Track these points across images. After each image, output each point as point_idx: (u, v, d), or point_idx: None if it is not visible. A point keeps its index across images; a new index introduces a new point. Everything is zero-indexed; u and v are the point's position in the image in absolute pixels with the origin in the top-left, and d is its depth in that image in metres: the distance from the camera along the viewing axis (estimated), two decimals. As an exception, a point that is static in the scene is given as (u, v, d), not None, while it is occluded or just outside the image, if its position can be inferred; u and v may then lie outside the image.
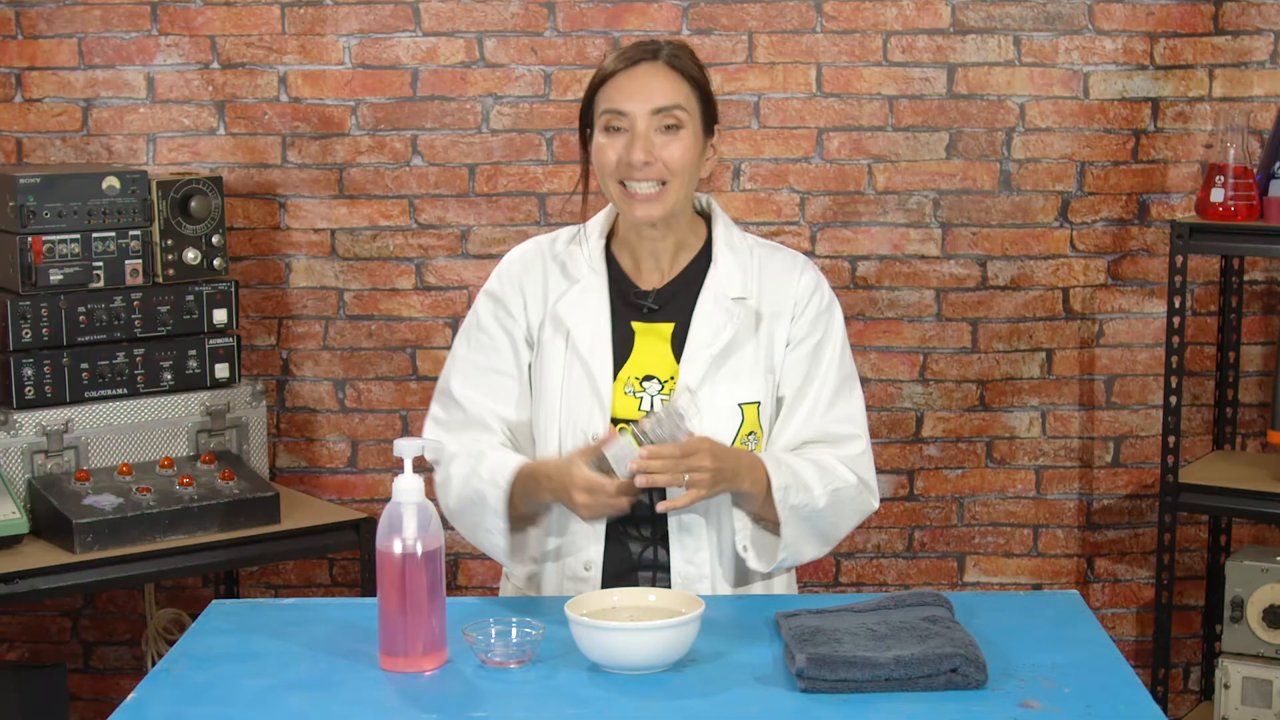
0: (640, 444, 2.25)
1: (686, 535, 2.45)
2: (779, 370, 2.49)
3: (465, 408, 2.52)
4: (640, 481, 2.26)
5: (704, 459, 2.29)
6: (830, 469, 2.45)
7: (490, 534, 2.43)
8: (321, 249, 3.90)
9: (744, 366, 2.46)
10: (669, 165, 2.41)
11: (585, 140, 2.50)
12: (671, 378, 2.45)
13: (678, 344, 2.47)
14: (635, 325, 2.49)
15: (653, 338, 2.48)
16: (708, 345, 2.45)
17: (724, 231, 2.53)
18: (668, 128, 2.41)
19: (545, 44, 3.82)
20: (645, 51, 2.44)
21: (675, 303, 2.49)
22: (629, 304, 2.50)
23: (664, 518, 2.44)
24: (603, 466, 2.27)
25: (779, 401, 2.51)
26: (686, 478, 2.28)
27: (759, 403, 2.47)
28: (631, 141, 2.40)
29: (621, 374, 2.46)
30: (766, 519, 2.43)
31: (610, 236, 2.55)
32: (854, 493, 2.47)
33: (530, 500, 2.41)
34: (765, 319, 2.48)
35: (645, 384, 2.46)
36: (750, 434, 2.46)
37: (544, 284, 2.52)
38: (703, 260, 2.51)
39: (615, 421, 2.44)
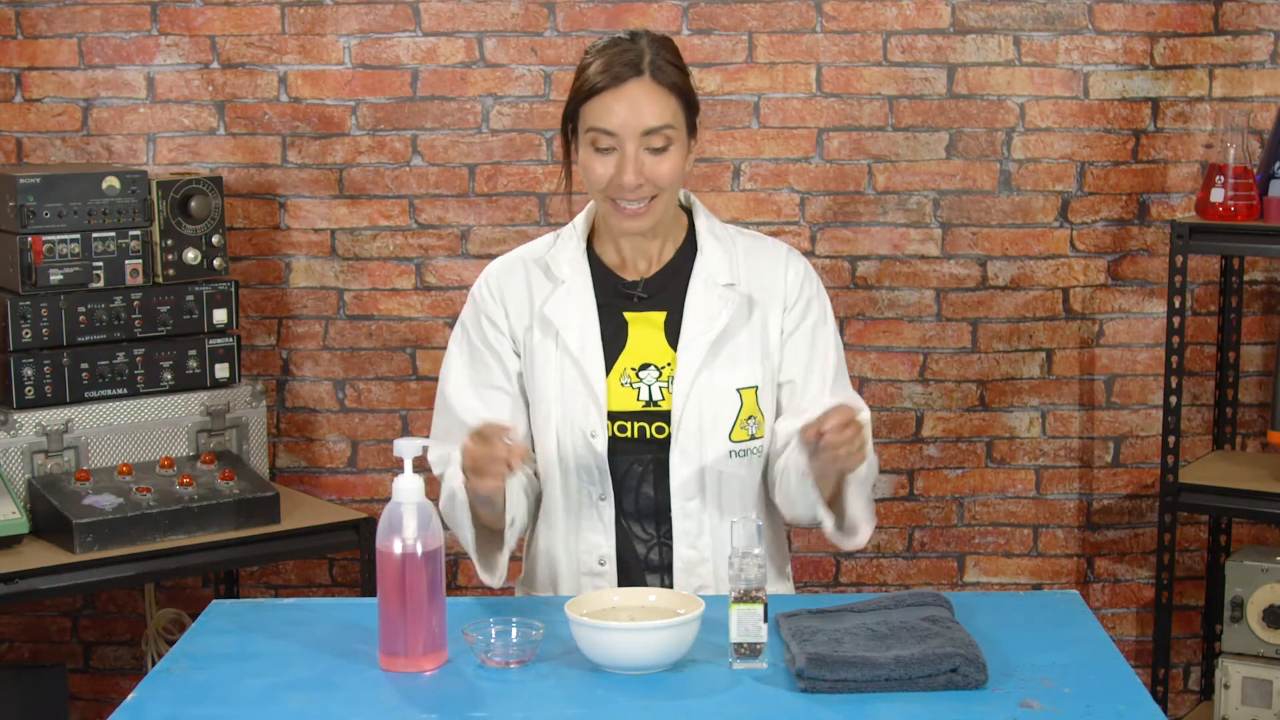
0: (747, 602, 2.10)
1: (689, 521, 2.46)
2: (776, 355, 2.50)
3: (468, 423, 2.50)
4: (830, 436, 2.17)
5: (852, 417, 2.21)
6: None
7: (462, 529, 2.39)
8: (321, 249, 3.90)
9: (740, 352, 2.47)
10: (658, 183, 2.40)
11: (568, 136, 2.48)
12: (669, 364, 2.46)
13: (671, 332, 2.47)
14: (627, 315, 2.49)
15: (646, 326, 2.48)
16: (704, 332, 2.46)
17: (706, 222, 2.54)
18: (657, 147, 2.40)
19: (545, 44, 3.82)
20: (627, 65, 2.39)
21: (665, 292, 2.50)
22: (618, 295, 2.50)
23: (668, 517, 2.46)
24: (740, 648, 2.13)
25: (780, 388, 2.52)
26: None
27: (757, 387, 2.48)
28: (622, 164, 2.38)
29: (616, 365, 2.47)
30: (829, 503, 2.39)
31: (592, 235, 2.55)
32: (872, 468, 2.42)
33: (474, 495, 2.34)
34: (757, 304, 2.49)
35: (641, 373, 2.46)
36: (750, 418, 2.48)
37: (527, 289, 2.52)
38: (688, 250, 2.52)
39: (612, 417, 2.45)
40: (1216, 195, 3.49)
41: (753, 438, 2.49)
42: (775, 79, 3.82)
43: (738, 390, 2.47)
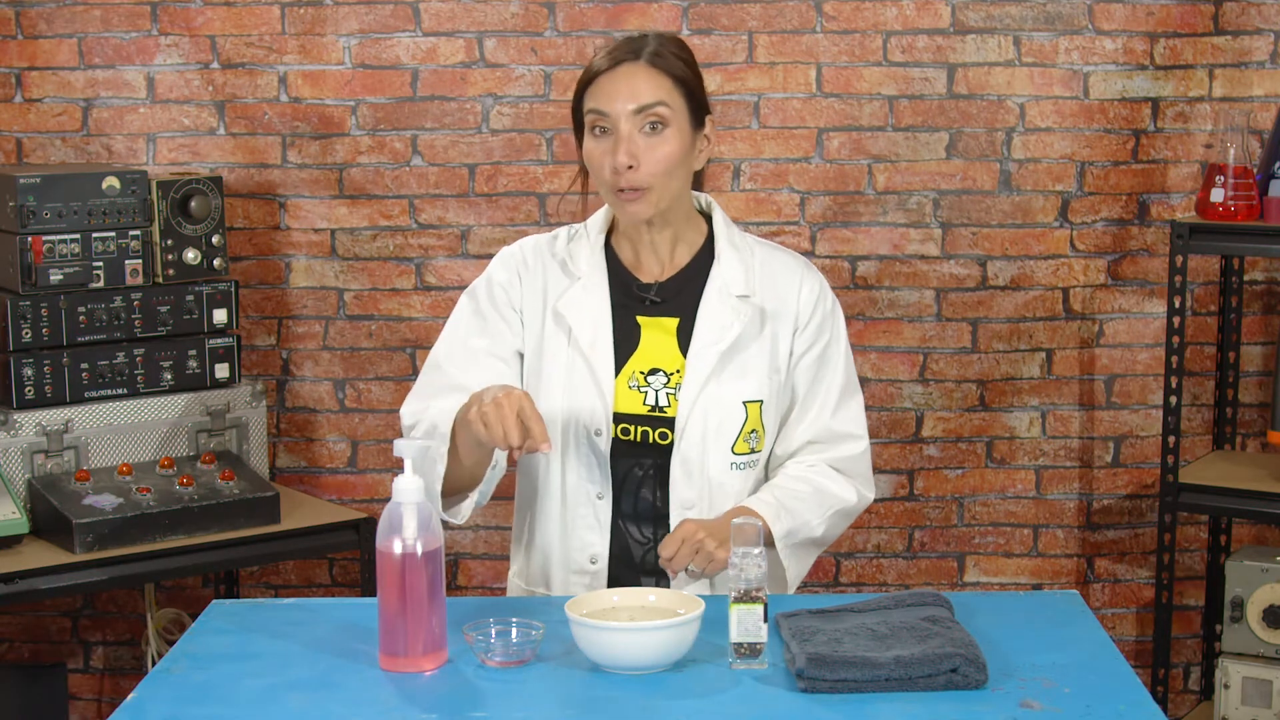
0: (747, 602, 2.11)
1: None
2: (784, 372, 2.50)
3: (459, 381, 2.43)
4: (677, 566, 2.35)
5: (696, 532, 2.34)
6: (828, 493, 2.50)
7: (434, 463, 2.33)
8: (321, 249, 3.90)
9: (749, 364, 2.48)
10: (654, 169, 2.40)
11: (580, 136, 2.49)
12: (678, 370, 2.46)
13: (684, 339, 2.48)
14: (640, 319, 2.49)
15: (658, 331, 2.49)
16: (715, 342, 2.46)
17: (725, 229, 2.54)
18: (652, 127, 2.40)
19: (545, 44, 3.82)
20: (628, 51, 2.43)
21: (679, 297, 2.50)
22: (632, 297, 2.50)
23: (666, 522, 2.46)
24: (741, 650, 2.13)
25: (789, 406, 2.53)
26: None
27: (762, 401, 2.48)
28: (615, 144, 2.40)
29: (626, 368, 2.47)
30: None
31: (610, 231, 2.55)
32: (852, 508, 2.54)
33: (463, 428, 2.30)
34: (769, 318, 2.49)
35: (650, 378, 2.46)
36: (752, 432, 2.48)
37: (544, 281, 2.52)
38: (705, 256, 2.52)
39: (617, 418, 2.45)
40: (1216, 195, 3.49)
41: (753, 451, 2.49)
42: (775, 79, 3.82)
43: (744, 403, 2.47)
